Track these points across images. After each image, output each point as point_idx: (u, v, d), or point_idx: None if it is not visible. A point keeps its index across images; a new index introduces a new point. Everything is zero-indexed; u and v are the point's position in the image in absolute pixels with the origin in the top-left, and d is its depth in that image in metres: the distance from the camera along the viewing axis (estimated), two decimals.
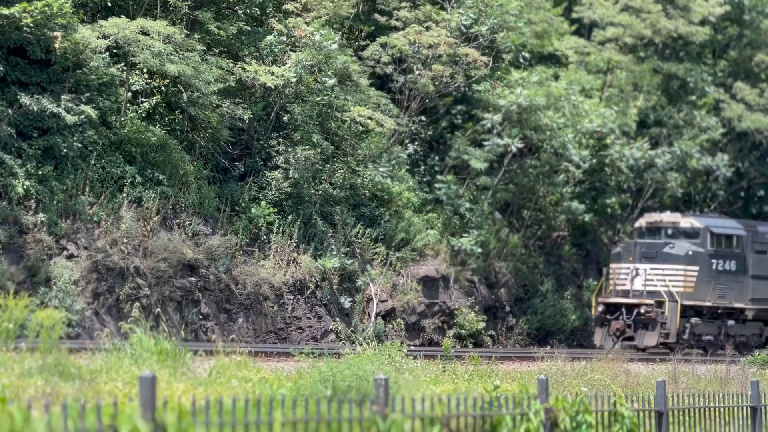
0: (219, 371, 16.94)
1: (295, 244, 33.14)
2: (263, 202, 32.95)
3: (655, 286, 34.62)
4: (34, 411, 8.68)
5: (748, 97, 50.96)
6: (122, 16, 30.78)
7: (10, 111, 28.32)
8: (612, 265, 37.04)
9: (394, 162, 37.93)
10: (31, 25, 28.12)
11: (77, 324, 27.04)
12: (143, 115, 32.05)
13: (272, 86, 33.63)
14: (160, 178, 30.69)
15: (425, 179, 41.35)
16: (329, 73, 35.46)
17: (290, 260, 33.00)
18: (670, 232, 35.82)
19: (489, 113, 42.18)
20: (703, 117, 50.51)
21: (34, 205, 28.01)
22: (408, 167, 39.98)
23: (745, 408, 16.45)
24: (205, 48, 32.91)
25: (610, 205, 47.42)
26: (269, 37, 34.82)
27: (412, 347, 28.77)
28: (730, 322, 35.28)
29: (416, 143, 42.33)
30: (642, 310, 34.31)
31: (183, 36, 31.30)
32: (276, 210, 33.14)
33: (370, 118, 36.16)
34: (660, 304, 34.32)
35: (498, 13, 41.62)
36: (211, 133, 32.93)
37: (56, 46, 28.82)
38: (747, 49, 53.10)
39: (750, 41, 53.01)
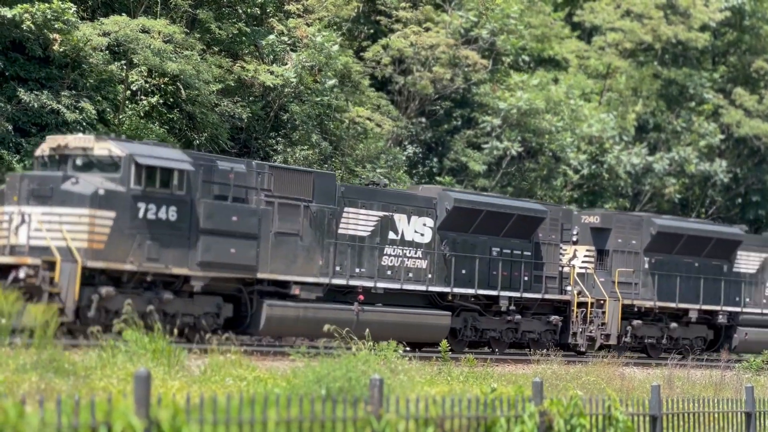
0: (214, 369, 16.94)
1: None
2: None
3: (46, 238, 22.90)
4: (29, 407, 8.68)
5: (747, 103, 51.02)
6: (123, 14, 30.82)
7: (9, 107, 28.33)
8: None
9: (392, 163, 37.95)
10: (32, 26, 28.25)
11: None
12: (142, 113, 32.08)
13: (272, 86, 33.64)
14: None
15: (423, 180, 41.37)
16: (329, 73, 35.49)
17: None
18: (80, 162, 23.99)
19: (488, 116, 42.22)
20: (702, 123, 50.56)
21: None
22: (406, 168, 39.99)
23: (739, 414, 16.47)
24: (204, 47, 32.93)
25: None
26: (271, 37, 34.87)
27: (408, 348, 28.69)
28: (168, 295, 24.08)
29: (415, 144, 42.34)
30: (22, 274, 22.44)
31: (183, 35, 31.33)
32: None
33: (369, 119, 36.17)
34: (51, 265, 22.54)
35: (499, 16, 41.67)
36: (210, 132, 32.94)
37: (54, 47, 28.94)
38: (746, 55, 53.17)
39: (749, 47, 53.09)
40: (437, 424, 11.26)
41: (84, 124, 29.38)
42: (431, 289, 28.70)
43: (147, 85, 32.43)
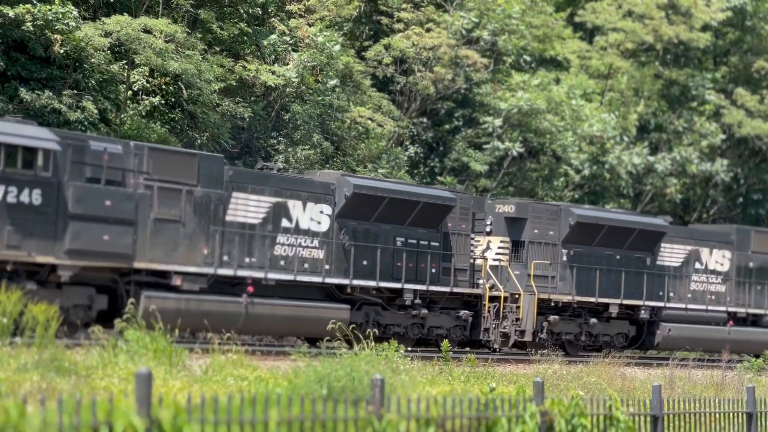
0: (215, 369, 16.95)
1: None
2: None
3: None
4: (30, 406, 8.69)
5: (748, 103, 51.02)
6: (124, 13, 30.84)
7: (10, 106, 28.34)
8: None
9: (393, 163, 37.96)
10: (32, 28, 28.31)
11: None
12: (143, 113, 32.11)
13: (273, 85, 33.66)
14: None
15: (425, 180, 41.39)
16: (330, 73, 35.52)
17: None
18: None
19: (489, 116, 42.24)
20: (703, 123, 50.57)
21: None
22: (408, 168, 39.99)
23: (740, 414, 16.47)
24: (206, 47, 32.96)
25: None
26: (272, 37, 34.90)
27: (410, 348, 28.60)
28: (31, 286, 21.99)
29: (416, 145, 42.34)
30: None
31: (184, 35, 31.36)
32: None
33: (371, 119, 36.19)
34: None
35: (500, 16, 41.68)
36: (212, 132, 32.97)
37: (55, 48, 28.99)
38: (747, 56, 53.18)
39: (751, 47, 53.10)
40: (438, 424, 11.26)
41: (86, 123, 29.40)
42: (328, 280, 26.71)
43: (148, 85, 32.45)
